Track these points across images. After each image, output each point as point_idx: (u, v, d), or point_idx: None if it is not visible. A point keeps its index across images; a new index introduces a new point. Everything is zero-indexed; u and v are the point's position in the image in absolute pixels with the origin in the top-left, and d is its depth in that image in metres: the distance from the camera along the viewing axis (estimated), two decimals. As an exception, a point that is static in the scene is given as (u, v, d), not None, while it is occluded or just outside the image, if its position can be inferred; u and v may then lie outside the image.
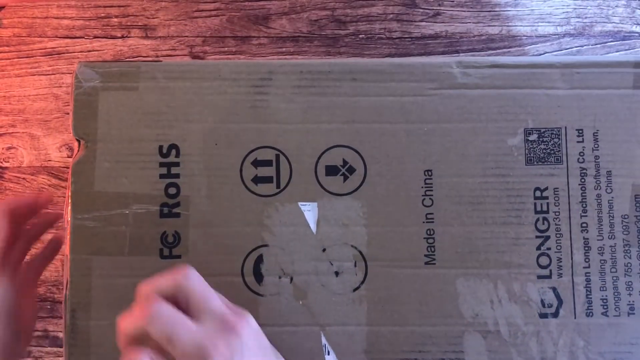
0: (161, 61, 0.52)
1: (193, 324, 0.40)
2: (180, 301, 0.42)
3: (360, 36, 0.66)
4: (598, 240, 0.51)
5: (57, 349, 0.62)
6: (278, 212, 0.50)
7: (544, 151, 0.51)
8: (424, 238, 0.50)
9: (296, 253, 0.50)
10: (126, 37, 0.66)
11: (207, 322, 0.41)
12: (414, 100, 0.51)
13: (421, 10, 0.66)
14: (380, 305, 0.50)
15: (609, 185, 0.51)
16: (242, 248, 0.50)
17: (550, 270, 0.50)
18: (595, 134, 0.51)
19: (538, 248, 0.50)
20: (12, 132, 0.65)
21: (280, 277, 0.50)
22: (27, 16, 0.67)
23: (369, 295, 0.50)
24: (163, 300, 0.41)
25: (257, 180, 0.50)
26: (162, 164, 0.50)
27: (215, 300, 0.43)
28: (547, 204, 0.50)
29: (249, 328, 0.42)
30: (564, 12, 0.67)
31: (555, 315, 0.50)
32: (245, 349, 0.41)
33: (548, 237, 0.50)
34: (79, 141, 0.51)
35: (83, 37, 0.66)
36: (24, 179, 0.65)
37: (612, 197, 0.51)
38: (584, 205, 0.51)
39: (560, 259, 0.50)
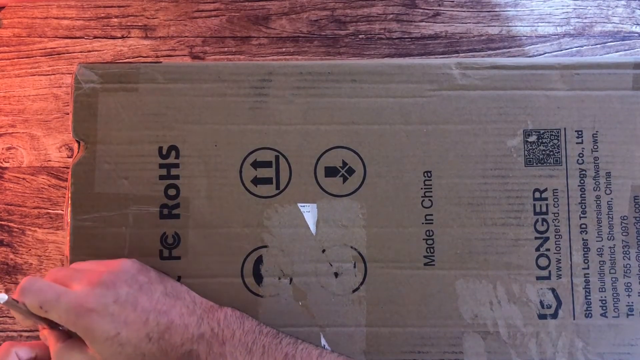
0: (161, 62, 0.52)
1: (63, 288, 0.44)
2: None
3: (360, 36, 0.66)
4: (597, 241, 0.51)
5: (58, 349, 0.62)
6: (277, 214, 0.50)
7: (544, 152, 0.51)
8: (424, 239, 0.50)
9: (296, 254, 0.50)
10: (126, 37, 0.66)
11: (74, 284, 0.44)
12: (414, 102, 0.51)
13: (421, 10, 0.66)
14: (380, 306, 0.50)
15: (608, 186, 0.51)
16: (242, 249, 0.50)
17: (550, 272, 0.50)
18: (594, 135, 0.51)
19: (537, 249, 0.50)
20: (12, 132, 0.65)
21: (279, 278, 0.50)
22: (27, 16, 0.67)
23: (369, 296, 0.50)
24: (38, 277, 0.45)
25: (256, 181, 0.50)
26: (161, 165, 0.51)
27: (81, 266, 0.47)
28: (547, 205, 0.51)
29: (120, 274, 0.45)
30: (563, 12, 0.66)
31: (555, 316, 0.50)
32: (119, 295, 0.44)
33: (547, 239, 0.50)
34: (78, 142, 0.51)
35: (83, 38, 0.66)
36: (24, 179, 0.65)
37: (612, 198, 0.51)
38: (583, 207, 0.51)
39: (560, 260, 0.50)
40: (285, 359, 0.44)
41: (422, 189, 0.50)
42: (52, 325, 0.45)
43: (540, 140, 0.51)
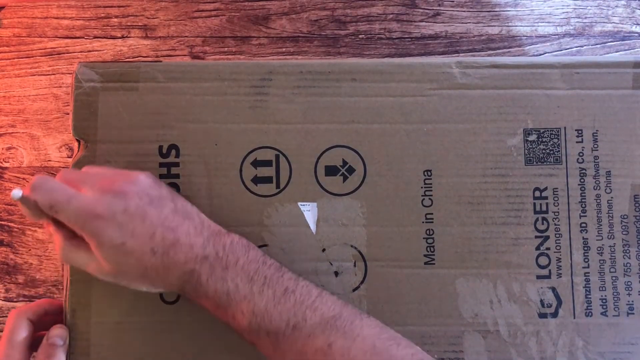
0: (161, 61, 0.52)
1: (74, 191, 0.44)
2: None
3: (360, 36, 0.66)
4: (597, 240, 0.51)
5: (57, 348, 0.62)
6: (278, 213, 0.50)
7: (544, 151, 0.51)
8: (424, 238, 0.50)
9: (296, 253, 0.50)
10: (126, 37, 0.66)
11: (86, 189, 0.44)
12: (414, 101, 0.51)
13: (421, 10, 0.66)
14: (380, 305, 0.50)
15: (609, 185, 0.51)
16: (242, 248, 0.50)
17: (550, 270, 0.50)
18: (594, 134, 0.51)
19: (537, 248, 0.50)
20: (12, 132, 0.65)
21: (280, 277, 0.50)
22: (27, 16, 0.67)
23: (369, 295, 0.50)
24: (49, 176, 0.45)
25: (256, 180, 0.50)
26: (162, 164, 0.51)
27: (93, 171, 0.47)
28: (547, 204, 0.51)
29: (133, 186, 0.45)
30: (564, 12, 0.67)
31: (555, 315, 0.50)
32: (129, 205, 0.44)
33: (547, 237, 0.50)
34: (78, 141, 0.51)
35: (83, 37, 0.66)
36: (24, 179, 0.65)
37: (612, 197, 0.51)
38: (584, 206, 0.51)
39: (560, 259, 0.50)
40: (285, 293, 0.44)
41: (422, 187, 0.50)
42: (60, 223, 0.46)
43: (540, 139, 0.51)
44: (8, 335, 0.47)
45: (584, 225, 0.51)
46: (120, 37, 0.66)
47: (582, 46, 0.66)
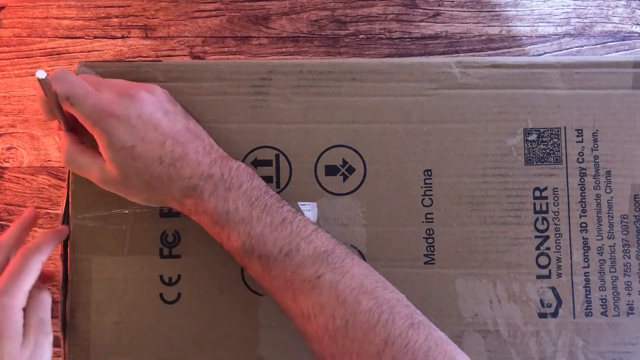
0: (161, 61, 0.52)
1: (93, 89, 0.45)
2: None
3: (360, 36, 0.66)
4: (597, 240, 0.51)
5: (57, 349, 0.62)
6: (278, 212, 0.50)
7: (544, 151, 0.51)
8: (424, 238, 0.50)
9: (296, 253, 0.50)
10: (126, 37, 0.66)
11: (104, 91, 0.45)
12: (414, 100, 0.51)
13: (421, 10, 0.66)
14: (380, 305, 0.50)
15: (609, 185, 0.51)
16: (242, 248, 0.50)
17: (550, 270, 0.50)
18: (594, 134, 0.51)
19: (537, 248, 0.50)
20: (12, 132, 0.65)
21: (280, 277, 0.50)
22: (27, 16, 0.67)
23: (369, 295, 0.50)
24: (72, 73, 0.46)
25: (256, 180, 0.50)
26: (162, 164, 0.50)
27: (113, 79, 0.48)
28: (547, 204, 0.51)
29: (150, 95, 0.46)
30: (564, 12, 0.67)
31: (555, 315, 0.50)
32: (143, 111, 0.45)
33: (547, 237, 0.50)
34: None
35: (83, 38, 0.66)
36: (24, 179, 0.65)
37: (612, 197, 0.51)
38: (584, 205, 0.51)
39: (560, 258, 0.50)
40: (282, 222, 0.45)
41: (422, 187, 0.50)
42: (69, 126, 0.47)
43: (540, 139, 0.51)
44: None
45: (584, 225, 0.51)
46: (120, 37, 0.66)
47: (582, 46, 0.66)
